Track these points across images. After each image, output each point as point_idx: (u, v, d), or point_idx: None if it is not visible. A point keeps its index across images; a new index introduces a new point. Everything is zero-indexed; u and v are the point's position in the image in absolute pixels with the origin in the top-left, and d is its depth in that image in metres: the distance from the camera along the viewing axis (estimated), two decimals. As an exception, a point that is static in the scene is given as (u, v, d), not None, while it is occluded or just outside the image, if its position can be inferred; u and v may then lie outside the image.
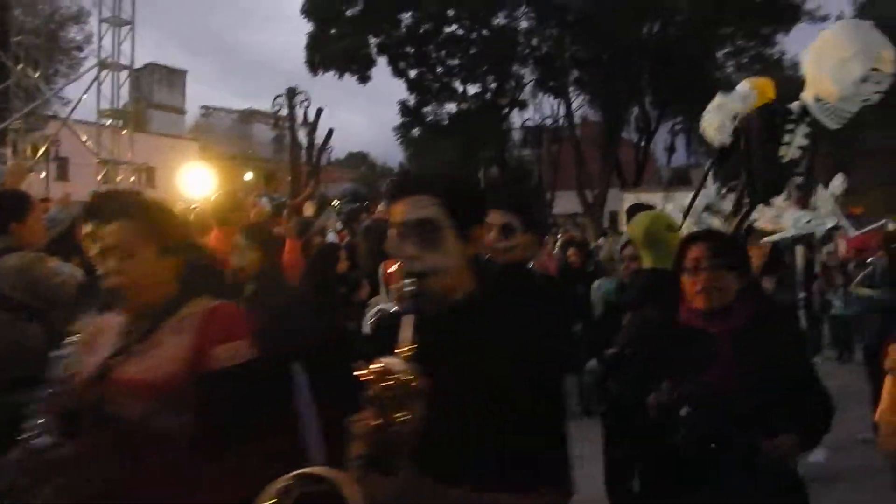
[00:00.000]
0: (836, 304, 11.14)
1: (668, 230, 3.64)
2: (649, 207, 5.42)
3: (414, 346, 1.40)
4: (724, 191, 7.39)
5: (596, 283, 7.09)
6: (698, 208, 7.20)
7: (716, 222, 6.98)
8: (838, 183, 10.89)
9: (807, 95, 6.64)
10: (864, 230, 13.47)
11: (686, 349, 2.41)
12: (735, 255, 2.57)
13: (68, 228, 5.19)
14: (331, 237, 9.92)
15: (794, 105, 6.80)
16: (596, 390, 5.50)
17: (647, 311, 3.23)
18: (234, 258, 3.64)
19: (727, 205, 7.12)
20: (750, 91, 7.03)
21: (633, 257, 4.18)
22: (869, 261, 9.19)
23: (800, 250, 7.21)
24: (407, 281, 1.58)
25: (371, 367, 1.35)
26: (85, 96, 21.00)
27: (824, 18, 28.56)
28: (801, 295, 7.01)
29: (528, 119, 33.57)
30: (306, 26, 30.95)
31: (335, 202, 14.19)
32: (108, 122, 20.70)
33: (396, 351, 1.40)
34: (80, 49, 29.66)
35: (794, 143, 6.74)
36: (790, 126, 6.71)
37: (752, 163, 6.78)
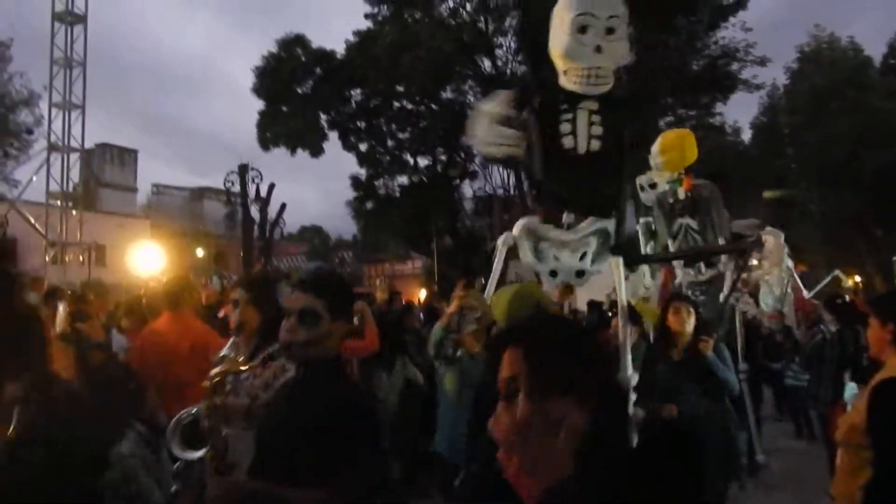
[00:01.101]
0: (788, 374, 10.13)
1: (535, 309, 3.08)
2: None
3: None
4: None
5: None
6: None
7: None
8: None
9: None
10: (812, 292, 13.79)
11: None
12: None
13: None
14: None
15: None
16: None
17: None
18: (234, 315, 3.59)
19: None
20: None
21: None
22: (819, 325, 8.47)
23: (738, 314, 7.19)
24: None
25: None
26: (34, 177, 21.01)
27: (759, 87, 29.99)
28: (743, 366, 6.83)
29: (478, 189, 34.18)
30: (257, 104, 31.46)
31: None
32: (58, 203, 20.67)
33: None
34: (30, 132, 29.65)
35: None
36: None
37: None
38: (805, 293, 15.14)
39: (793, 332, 11.05)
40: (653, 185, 8.65)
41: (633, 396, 4.32)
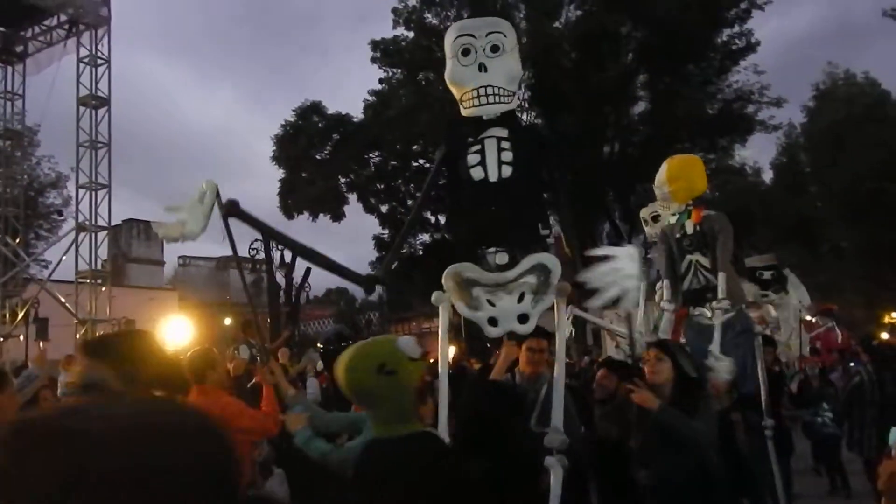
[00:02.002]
0: (817, 421, 8.78)
1: (380, 372, 2.55)
2: (349, 337, 4.91)
3: None
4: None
5: None
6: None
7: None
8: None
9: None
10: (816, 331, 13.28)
11: None
12: None
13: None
14: (311, 381, 10.02)
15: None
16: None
17: None
18: None
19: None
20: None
21: None
22: (852, 365, 8.31)
23: (760, 360, 6.02)
24: None
25: None
26: (64, 257, 21.37)
27: (777, 128, 30.01)
28: (768, 422, 5.90)
29: (501, 243, 34.14)
30: (277, 173, 31.93)
31: (319, 345, 14.27)
32: (87, 280, 20.97)
33: None
34: (59, 213, 30.36)
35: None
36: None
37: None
38: (838, 334, 14.63)
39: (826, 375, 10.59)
40: (655, 218, 8.18)
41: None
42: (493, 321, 4.15)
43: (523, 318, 4.14)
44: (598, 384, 6.03)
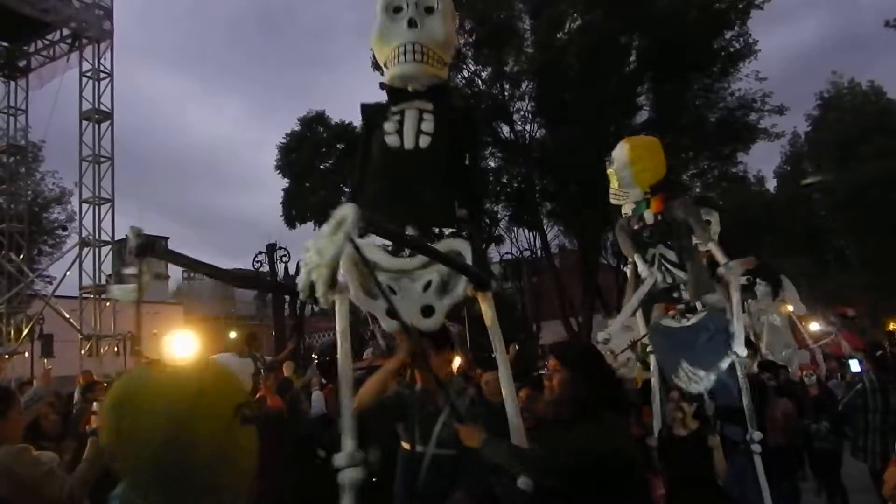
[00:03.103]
0: (818, 435, 8.22)
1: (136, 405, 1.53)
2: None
3: None
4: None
5: None
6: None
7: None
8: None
9: None
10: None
11: None
12: None
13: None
14: (315, 395, 9.92)
15: None
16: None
17: None
18: None
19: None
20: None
21: None
22: (856, 371, 8.12)
23: (739, 367, 5.24)
24: None
25: None
26: (68, 272, 21.33)
27: (779, 136, 29.92)
28: (757, 435, 5.10)
29: (506, 253, 34.12)
30: (281, 183, 31.97)
31: (314, 356, 14.21)
32: (91, 296, 20.91)
33: None
34: (63, 228, 30.33)
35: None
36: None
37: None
38: (842, 340, 14.31)
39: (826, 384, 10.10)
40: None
41: None
42: (392, 312, 3.45)
43: (428, 311, 3.53)
44: (523, 408, 4.70)
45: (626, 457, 2.92)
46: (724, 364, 5.12)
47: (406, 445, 3.71)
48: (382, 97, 4.08)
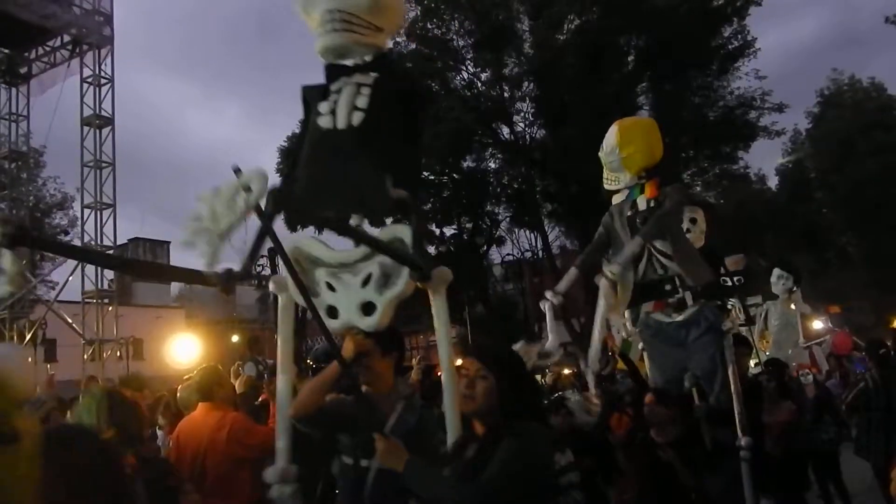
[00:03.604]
0: (824, 437, 7.84)
1: None
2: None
3: None
4: None
5: None
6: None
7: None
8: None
9: None
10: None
11: None
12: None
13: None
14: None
15: None
16: None
17: None
18: None
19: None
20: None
21: None
22: (859, 371, 7.92)
23: (731, 367, 4.92)
24: None
25: None
26: (70, 277, 21.37)
27: (779, 133, 29.92)
28: (745, 441, 4.71)
29: (507, 255, 34.13)
30: (283, 185, 31.97)
31: (309, 361, 14.10)
32: (94, 300, 20.95)
33: None
34: (65, 233, 30.41)
35: None
36: None
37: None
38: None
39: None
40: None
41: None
42: (332, 311, 3.20)
43: (368, 308, 3.16)
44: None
45: (553, 471, 2.77)
46: (716, 364, 4.84)
47: (348, 459, 3.38)
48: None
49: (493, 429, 2.58)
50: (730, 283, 9.32)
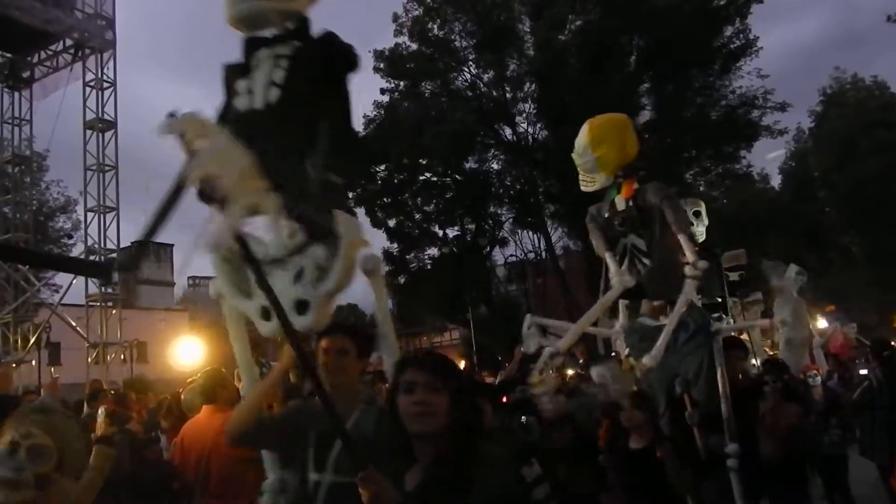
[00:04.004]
0: (826, 440, 7.28)
1: None
2: None
3: None
4: None
5: None
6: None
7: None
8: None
9: None
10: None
11: None
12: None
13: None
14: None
15: None
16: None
17: None
18: None
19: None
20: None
21: None
22: (863, 373, 7.68)
23: (719, 368, 4.76)
24: None
25: None
26: (74, 280, 21.40)
27: (782, 132, 29.87)
28: (731, 448, 4.56)
29: (510, 255, 34.11)
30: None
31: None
32: (98, 304, 20.98)
33: None
34: (69, 237, 30.50)
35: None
36: None
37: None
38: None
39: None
40: None
41: None
42: (265, 312, 2.83)
43: (301, 307, 2.81)
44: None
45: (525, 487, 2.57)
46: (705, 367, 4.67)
47: (291, 476, 3.11)
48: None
49: (450, 454, 2.13)
50: (734, 279, 9.28)
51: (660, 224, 4.96)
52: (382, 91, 30.78)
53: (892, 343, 8.53)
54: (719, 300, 7.56)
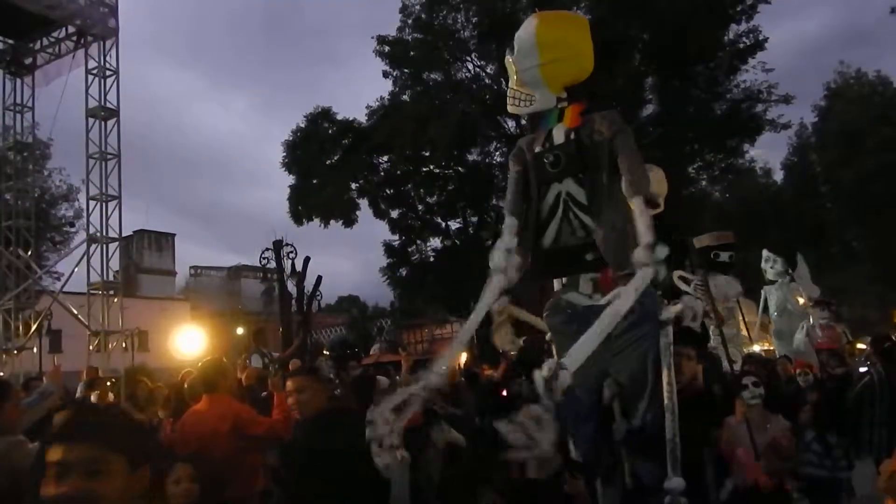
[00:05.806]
0: (810, 459, 5.93)
1: None
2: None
3: None
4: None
5: None
6: None
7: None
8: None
9: None
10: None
11: None
12: None
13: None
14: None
15: None
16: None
17: None
18: None
19: None
20: None
21: None
22: (864, 370, 7.24)
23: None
24: None
25: None
26: (76, 269, 21.39)
27: (785, 127, 29.79)
28: (673, 481, 3.30)
29: (512, 248, 33.92)
30: (288, 179, 31.99)
31: (325, 352, 14.21)
32: (99, 292, 20.97)
33: None
34: (71, 224, 30.52)
35: None
36: None
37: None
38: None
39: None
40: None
41: None
42: None
43: None
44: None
45: None
46: (648, 366, 3.43)
47: None
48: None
49: None
50: (723, 259, 8.99)
51: (608, 169, 3.46)
52: (385, 74, 30.68)
53: (894, 338, 8.46)
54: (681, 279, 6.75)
